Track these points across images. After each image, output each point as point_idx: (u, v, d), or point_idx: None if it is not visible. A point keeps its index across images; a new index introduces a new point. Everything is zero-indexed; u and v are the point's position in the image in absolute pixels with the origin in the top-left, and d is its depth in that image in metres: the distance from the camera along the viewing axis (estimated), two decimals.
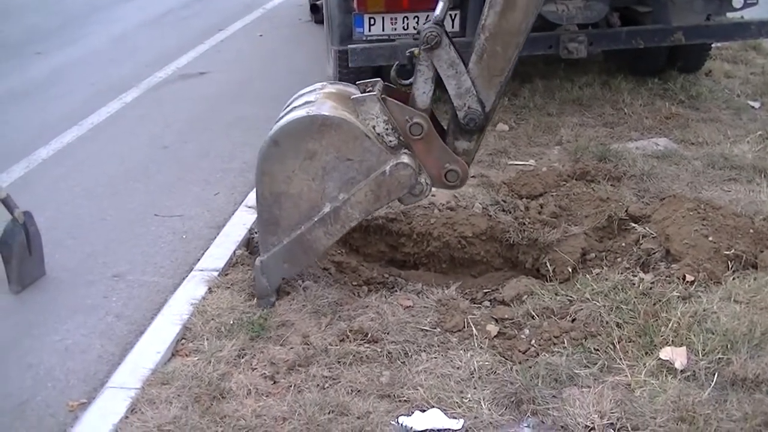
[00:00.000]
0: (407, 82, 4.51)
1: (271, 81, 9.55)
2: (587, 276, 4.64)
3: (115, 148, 7.56)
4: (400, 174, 4.35)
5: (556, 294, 4.50)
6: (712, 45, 8.47)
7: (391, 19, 7.08)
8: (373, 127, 4.39)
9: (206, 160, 7.17)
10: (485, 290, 4.89)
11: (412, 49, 4.48)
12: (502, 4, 4.17)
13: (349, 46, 7.09)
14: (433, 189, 4.60)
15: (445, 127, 4.64)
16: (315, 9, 11.81)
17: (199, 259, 5.25)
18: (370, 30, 7.13)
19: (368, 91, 4.47)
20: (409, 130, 4.39)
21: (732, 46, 9.39)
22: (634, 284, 4.40)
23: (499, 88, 4.39)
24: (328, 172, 4.36)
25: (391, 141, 4.41)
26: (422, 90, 4.43)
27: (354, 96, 4.44)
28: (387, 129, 4.39)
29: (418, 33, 4.37)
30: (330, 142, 4.31)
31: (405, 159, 4.36)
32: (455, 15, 7.07)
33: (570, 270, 4.91)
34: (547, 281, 4.81)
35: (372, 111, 4.38)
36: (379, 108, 4.37)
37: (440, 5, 4.43)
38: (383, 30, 7.13)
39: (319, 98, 4.49)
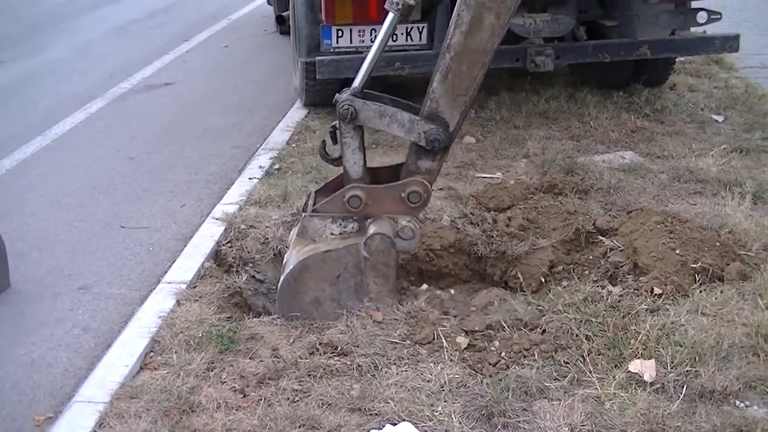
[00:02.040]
0: (336, 156, 4.61)
1: (236, 92, 9.54)
2: (559, 288, 4.65)
3: (80, 159, 7.51)
4: (375, 248, 4.41)
5: (528, 304, 4.51)
6: (676, 59, 8.56)
7: (359, 31, 7.09)
8: (331, 233, 4.52)
9: (172, 171, 7.13)
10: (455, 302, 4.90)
11: (334, 123, 4.58)
12: (468, 23, 4.17)
13: (317, 57, 7.10)
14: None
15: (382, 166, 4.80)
16: (280, 20, 11.79)
17: (166, 272, 5.21)
18: (338, 42, 7.14)
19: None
20: (352, 207, 4.48)
21: (695, 60, 9.51)
22: (603, 297, 4.41)
23: (463, 107, 4.40)
24: (340, 299, 4.49)
25: (352, 227, 4.54)
26: (352, 161, 4.52)
27: (296, 234, 4.61)
28: (340, 224, 4.54)
29: (335, 103, 4.46)
30: (315, 281, 4.45)
31: (371, 230, 4.44)
32: (422, 27, 7.10)
33: (539, 283, 4.93)
34: (515, 293, 4.83)
35: (316, 228, 4.54)
36: (317, 221, 4.53)
37: (360, 75, 4.48)
38: (351, 42, 7.14)
39: (288, 254, 4.67)
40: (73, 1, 15.62)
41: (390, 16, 4.44)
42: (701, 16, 7.63)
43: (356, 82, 4.45)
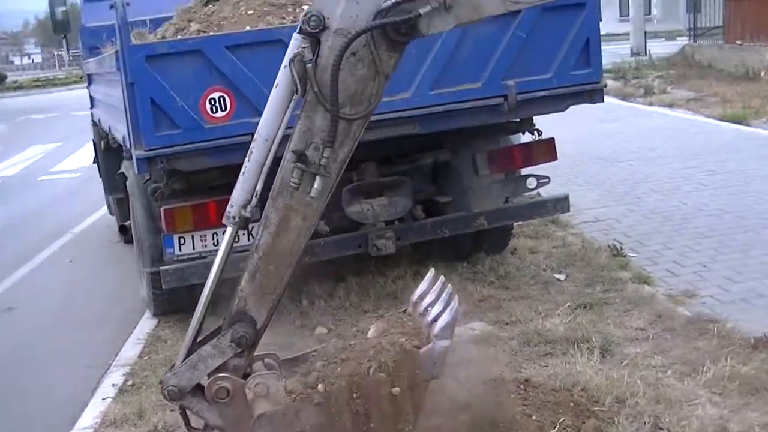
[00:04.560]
0: (202, 427, 4.61)
1: (84, 308, 9.30)
2: None
3: None
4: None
5: None
6: (514, 225, 8.84)
7: (201, 236, 7.11)
8: None
9: (17, 402, 6.87)
10: None
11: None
12: (276, 225, 4.21)
13: (161, 267, 7.07)
14: None
15: None
16: (123, 230, 11.72)
17: None
18: (180, 250, 7.12)
19: None
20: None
21: (533, 222, 9.77)
22: None
23: (271, 305, 4.42)
24: None
25: None
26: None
27: None
28: None
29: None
30: None
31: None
32: None
33: None
34: None
35: None
36: None
37: (180, 356, 4.49)
38: (194, 248, 7.13)
39: None
40: None
41: (228, 230, 4.47)
42: (531, 182, 7.99)
43: (177, 359, 4.46)
